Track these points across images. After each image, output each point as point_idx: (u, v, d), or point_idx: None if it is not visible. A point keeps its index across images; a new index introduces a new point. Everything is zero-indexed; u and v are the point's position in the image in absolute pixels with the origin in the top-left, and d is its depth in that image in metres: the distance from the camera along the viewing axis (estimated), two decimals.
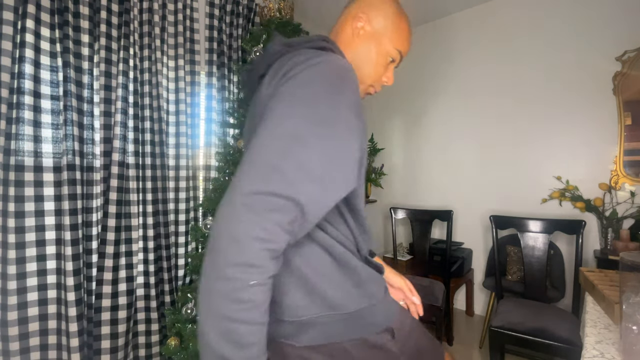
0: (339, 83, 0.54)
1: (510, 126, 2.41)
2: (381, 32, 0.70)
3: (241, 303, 0.42)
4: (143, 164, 1.61)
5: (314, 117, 0.50)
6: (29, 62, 1.25)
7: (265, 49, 0.67)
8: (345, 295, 0.58)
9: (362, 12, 0.70)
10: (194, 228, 1.63)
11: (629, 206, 1.91)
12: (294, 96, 0.51)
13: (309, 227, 0.49)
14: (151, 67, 1.63)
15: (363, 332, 0.58)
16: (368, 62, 0.70)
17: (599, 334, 0.86)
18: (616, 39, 1.98)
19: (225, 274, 0.42)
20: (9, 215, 1.22)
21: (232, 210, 0.43)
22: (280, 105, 0.51)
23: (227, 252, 0.42)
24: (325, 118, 0.50)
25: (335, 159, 0.50)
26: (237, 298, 0.42)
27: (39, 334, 1.30)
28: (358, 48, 0.71)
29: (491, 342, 1.60)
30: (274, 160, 0.46)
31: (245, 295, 0.42)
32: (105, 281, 1.47)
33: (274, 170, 0.45)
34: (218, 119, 1.90)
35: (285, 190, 0.44)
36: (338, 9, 2.56)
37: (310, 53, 0.58)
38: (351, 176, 0.52)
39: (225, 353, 0.41)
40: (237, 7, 1.99)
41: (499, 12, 2.46)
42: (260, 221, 0.43)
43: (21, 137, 1.24)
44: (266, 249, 0.43)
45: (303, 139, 0.48)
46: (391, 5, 0.71)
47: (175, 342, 1.42)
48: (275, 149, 0.47)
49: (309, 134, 0.48)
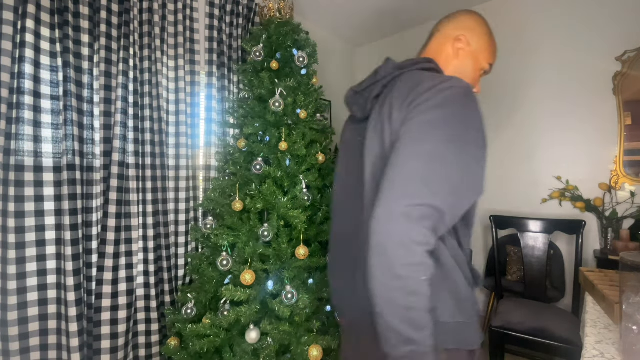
0: (467, 104, 0.63)
1: (510, 126, 2.41)
2: (478, 51, 0.82)
3: (416, 295, 0.52)
4: (143, 164, 1.61)
5: (450, 137, 0.59)
6: (29, 62, 1.25)
7: (377, 72, 0.79)
8: (443, 305, 0.63)
9: (462, 34, 0.81)
10: (194, 228, 1.63)
11: (629, 206, 1.91)
12: (431, 119, 0.60)
13: (445, 230, 0.59)
14: (151, 67, 1.63)
15: (457, 345, 0.63)
16: (467, 77, 0.80)
17: (599, 334, 0.86)
18: (616, 39, 1.98)
19: (399, 274, 0.52)
20: (9, 215, 1.22)
21: (393, 220, 0.54)
22: (420, 128, 0.60)
23: (397, 255, 0.53)
24: (459, 137, 0.60)
25: (468, 173, 0.61)
26: (413, 291, 0.52)
27: (39, 334, 1.30)
28: (458, 65, 0.82)
29: (491, 342, 1.60)
30: (421, 176, 0.56)
31: (419, 288, 0.52)
32: (105, 281, 1.47)
33: (423, 185, 0.56)
34: (218, 119, 1.90)
35: (432, 201, 0.55)
36: (338, 9, 2.57)
37: (432, 77, 0.67)
38: (480, 186, 0.63)
39: (410, 335, 0.52)
40: (237, 7, 2.00)
41: (498, 12, 2.46)
42: (418, 227, 0.53)
43: (21, 137, 1.24)
44: (426, 250, 0.53)
45: (443, 157, 0.58)
46: (485, 27, 0.83)
47: (175, 342, 1.42)
48: (421, 166, 0.57)
49: (447, 153, 0.58)
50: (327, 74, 2.98)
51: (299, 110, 1.55)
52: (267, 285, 1.31)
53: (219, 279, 1.43)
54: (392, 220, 0.54)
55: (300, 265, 1.32)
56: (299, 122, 1.56)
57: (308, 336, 1.24)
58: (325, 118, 1.72)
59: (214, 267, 1.45)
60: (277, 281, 1.33)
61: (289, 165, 1.47)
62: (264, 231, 1.33)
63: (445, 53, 0.82)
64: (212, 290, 1.42)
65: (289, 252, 1.35)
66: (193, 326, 1.31)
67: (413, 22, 2.84)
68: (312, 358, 1.19)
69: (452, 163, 0.58)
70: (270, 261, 1.35)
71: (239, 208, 1.40)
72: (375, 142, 0.71)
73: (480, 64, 0.83)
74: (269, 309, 1.32)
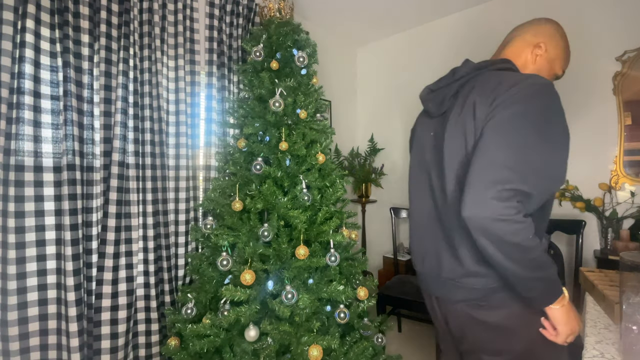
0: (550, 98, 0.71)
1: None
2: (554, 58, 0.89)
3: (532, 248, 0.67)
4: (143, 164, 1.61)
5: (535, 128, 0.68)
6: (29, 62, 1.25)
7: (455, 72, 0.88)
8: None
9: (541, 41, 0.87)
10: (194, 228, 1.63)
11: (629, 206, 1.91)
12: (516, 112, 0.69)
13: (531, 210, 0.70)
14: (151, 67, 1.63)
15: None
16: None
17: (599, 334, 0.86)
18: (616, 39, 1.98)
19: (510, 241, 0.66)
20: (9, 215, 1.22)
21: (486, 203, 0.65)
22: (506, 121, 0.69)
23: (500, 229, 0.65)
24: (543, 129, 0.68)
25: (553, 163, 0.70)
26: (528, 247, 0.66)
27: (39, 334, 1.30)
28: (534, 70, 0.89)
29: None
30: (509, 164, 0.66)
31: (531, 243, 0.66)
32: (105, 281, 1.47)
33: (511, 172, 0.66)
34: (218, 119, 1.90)
35: (520, 185, 0.65)
36: (337, 9, 2.57)
37: (513, 75, 0.75)
38: (563, 176, 0.72)
39: (541, 275, 0.69)
40: (237, 7, 2.00)
41: (498, 13, 2.46)
42: (508, 204, 0.65)
43: (21, 137, 1.24)
44: (519, 215, 0.65)
45: (529, 147, 0.67)
46: (563, 36, 0.89)
47: (175, 342, 1.42)
48: (509, 155, 0.67)
49: (535, 143, 0.67)
50: (327, 74, 2.98)
51: (299, 110, 1.55)
52: (267, 285, 1.31)
53: (219, 279, 1.43)
54: (485, 204, 0.65)
55: (300, 265, 1.32)
56: (299, 122, 1.56)
57: (308, 336, 1.24)
58: (325, 118, 1.72)
59: (214, 267, 1.45)
60: (277, 281, 1.33)
61: (289, 165, 1.47)
62: (264, 231, 1.33)
63: (524, 57, 0.88)
64: (212, 290, 1.42)
65: (289, 252, 1.35)
66: (193, 326, 1.31)
67: (413, 23, 2.84)
68: (312, 358, 1.19)
69: (539, 153, 0.67)
70: (270, 261, 1.35)
71: (239, 208, 1.40)
72: (456, 138, 0.80)
73: (554, 70, 0.90)
74: (269, 309, 1.32)
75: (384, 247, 3.21)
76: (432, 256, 0.90)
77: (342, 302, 1.32)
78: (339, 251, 1.41)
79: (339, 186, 1.55)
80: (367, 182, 2.87)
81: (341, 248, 1.49)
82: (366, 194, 2.91)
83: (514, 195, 0.64)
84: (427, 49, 2.85)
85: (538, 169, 0.67)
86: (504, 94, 0.71)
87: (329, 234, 1.39)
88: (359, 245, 3.00)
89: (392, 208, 2.37)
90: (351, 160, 2.89)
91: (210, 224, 1.51)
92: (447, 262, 0.84)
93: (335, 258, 1.32)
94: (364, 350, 1.37)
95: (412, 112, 2.95)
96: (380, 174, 2.85)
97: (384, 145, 3.15)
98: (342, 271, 1.48)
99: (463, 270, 0.80)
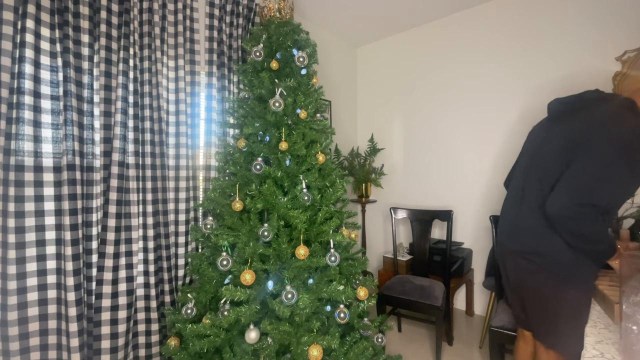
0: (636, 142, 0.95)
1: (510, 126, 2.41)
2: None
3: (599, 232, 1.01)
4: (143, 164, 1.61)
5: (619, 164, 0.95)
6: (29, 62, 1.25)
7: (582, 95, 1.15)
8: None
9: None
10: (194, 228, 1.63)
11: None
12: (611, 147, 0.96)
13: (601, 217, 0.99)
14: (151, 67, 1.63)
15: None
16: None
17: (599, 334, 0.86)
18: (616, 39, 1.98)
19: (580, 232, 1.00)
20: (9, 215, 1.22)
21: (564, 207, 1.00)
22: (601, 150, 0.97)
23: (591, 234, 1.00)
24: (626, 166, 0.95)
25: (623, 192, 0.98)
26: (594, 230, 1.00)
27: (39, 334, 1.30)
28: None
29: (491, 342, 1.60)
30: (591, 184, 0.97)
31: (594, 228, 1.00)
32: (105, 281, 1.47)
33: (591, 190, 0.96)
34: (218, 119, 1.90)
35: (594, 201, 0.96)
36: (337, 9, 2.57)
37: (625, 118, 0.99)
38: (627, 198, 0.99)
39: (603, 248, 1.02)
40: (237, 7, 2.00)
41: (498, 13, 2.46)
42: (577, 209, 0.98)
43: (21, 137, 1.24)
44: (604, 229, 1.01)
45: (610, 176, 0.95)
46: None
47: (175, 342, 1.42)
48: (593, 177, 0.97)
49: (614, 173, 0.95)
50: (327, 74, 2.98)
51: (299, 110, 1.55)
52: (267, 285, 1.31)
53: (219, 279, 1.43)
54: (563, 207, 0.99)
55: (300, 265, 1.32)
56: (299, 122, 1.56)
57: (308, 336, 1.24)
58: (325, 118, 1.72)
59: (214, 267, 1.45)
60: (277, 281, 1.33)
61: (289, 165, 1.47)
62: (264, 231, 1.33)
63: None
64: (212, 290, 1.42)
65: (289, 252, 1.36)
66: (193, 326, 1.31)
67: (413, 23, 2.84)
68: (312, 358, 1.19)
69: (615, 184, 0.95)
70: (270, 261, 1.35)
71: (239, 208, 1.40)
72: (558, 145, 1.09)
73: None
74: (269, 309, 1.32)
75: (384, 247, 3.21)
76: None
77: (342, 302, 1.32)
78: (339, 251, 1.41)
79: (339, 186, 1.55)
80: (367, 182, 2.87)
81: (341, 248, 1.49)
82: (366, 194, 2.92)
83: (584, 206, 0.95)
84: (427, 49, 2.85)
85: (610, 193, 0.95)
86: (608, 129, 0.97)
87: (329, 234, 1.39)
88: (359, 245, 3.00)
89: (392, 208, 2.37)
90: (351, 160, 2.89)
91: (210, 224, 1.51)
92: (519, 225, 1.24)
93: (335, 258, 1.32)
94: (364, 350, 1.37)
95: (412, 112, 2.95)
96: (380, 174, 2.85)
97: (384, 145, 3.15)
98: (342, 271, 1.48)
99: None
